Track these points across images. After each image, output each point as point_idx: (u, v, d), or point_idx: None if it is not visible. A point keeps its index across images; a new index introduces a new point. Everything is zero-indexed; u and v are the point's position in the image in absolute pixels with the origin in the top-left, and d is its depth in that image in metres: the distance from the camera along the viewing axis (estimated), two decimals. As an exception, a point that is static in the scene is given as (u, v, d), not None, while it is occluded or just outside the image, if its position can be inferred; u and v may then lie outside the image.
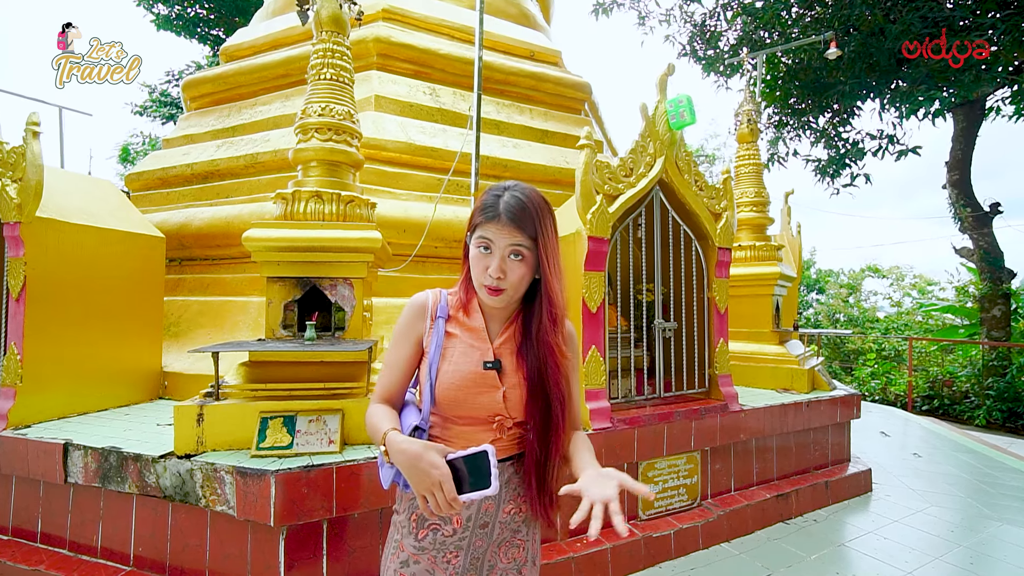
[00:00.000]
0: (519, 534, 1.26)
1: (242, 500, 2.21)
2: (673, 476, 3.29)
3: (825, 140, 9.47)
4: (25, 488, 2.79)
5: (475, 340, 1.21)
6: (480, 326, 1.23)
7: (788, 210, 6.10)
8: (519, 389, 1.18)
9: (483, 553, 1.23)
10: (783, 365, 4.41)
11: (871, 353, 11.61)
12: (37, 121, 2.98)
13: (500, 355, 1.20)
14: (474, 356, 1.19)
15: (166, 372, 3.83)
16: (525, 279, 1.16)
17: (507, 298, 1.17)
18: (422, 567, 1.20)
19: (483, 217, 1.15)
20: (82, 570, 2.52)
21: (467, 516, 1.20)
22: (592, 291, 2.97)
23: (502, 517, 1.23)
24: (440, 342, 1.21)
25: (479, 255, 1.16)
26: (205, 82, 5.97)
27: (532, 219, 1.12)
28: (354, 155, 3.06)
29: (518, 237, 1.12)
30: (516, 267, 1.14)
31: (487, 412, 1.18)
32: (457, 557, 1.21)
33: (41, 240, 2.98)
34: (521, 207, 1.12)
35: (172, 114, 15.90)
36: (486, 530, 1.22)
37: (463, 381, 1.17)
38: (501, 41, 5.88)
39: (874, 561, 3.04)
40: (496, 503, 1.22)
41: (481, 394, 1.17)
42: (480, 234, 1.15)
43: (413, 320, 1.25)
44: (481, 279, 1.15)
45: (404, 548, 1.22)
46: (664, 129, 3.29)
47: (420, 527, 1.21)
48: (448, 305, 1.26)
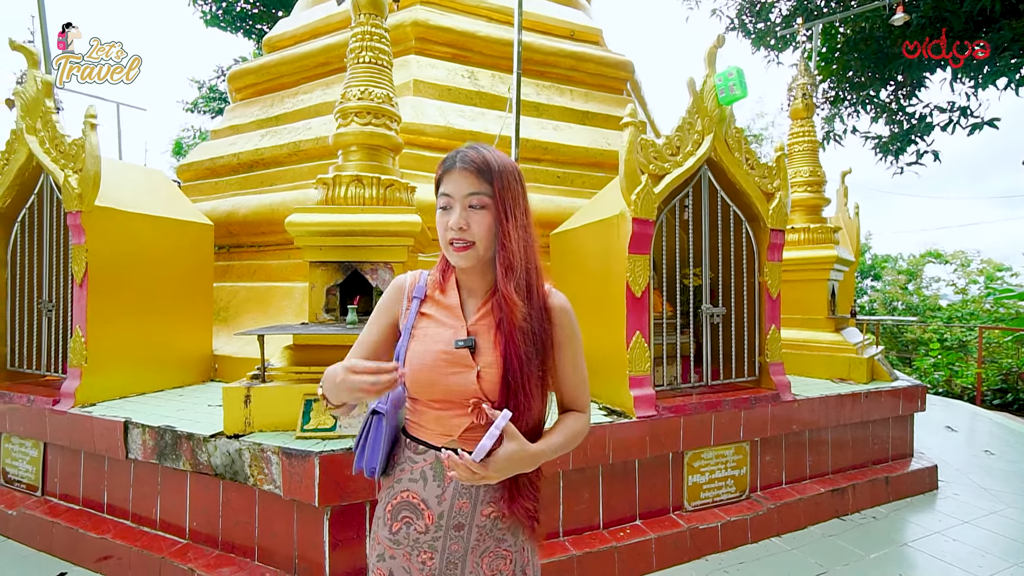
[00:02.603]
0: (504, 543, 1.15)
1: (288, 480, 2.25)
2: (720, 467, 3.17)
3: (887, 115, 8.85)
4: (92, 463, 2.95)
5: (448, 317, 1.14)
6: (455, 303, 1.15)
7: (845, 190, 5.76)
8: (495, 368, 1.08)
9: (461, 559, 1.13)
10: (839, 354, 4.18)
11: (934, 343, 10.93)
12: (94, 114, 3.10)
13: (476, 333, 1.11)
14: (445, 335, 1.12)
15: (216, 355, 3.97)
16: (491, 230, 1.08)
17: (476, 254, 1.09)
18: (398, 563, 1.14)
19: (441, 170, 1.11)
20: (144, 540, 2.65)
21: (439, 513, 1.11)
22: (636, 275, 2.87)
23: (480, 520, 1.12)
24: (411, 323, 1.15)
25: (441, 215, 1.10)
26: (249, 73, 6.11)
27: (490, 168, 1.07)
28: (393, 139, 3.04)
29: (476, 185, 1.07)
30: (479, 217, 1.07)
31: (461, 395, 1.08)
32: (432, 558, 1.12)
33: (100, 228, 3.11)
34: (479, 156, 1.08)
35: (221, 108, 16.48)
36: (461, 533, 1.12)
37: (434, 361, 1.09)
38: (540, 21, 5.75)
39: (942, 564, 2.84)
40: (472, 503, 1.12)
41: (453, 375, 1.08)
42: (441, 191, 1.10)
43: (390, 302, 1.22)
44: (445, 236, 1.09)
45: (380, 540, 1.17)
46: (713, 105, 3.12)
47: (394, 519, 1.15)
48: (426, 284, 1.20)
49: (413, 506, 1.13)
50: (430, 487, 1.12)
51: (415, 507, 1.12)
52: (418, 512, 1.12)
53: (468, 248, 1.08)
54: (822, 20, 7.88)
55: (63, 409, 2.96)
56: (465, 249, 1.08)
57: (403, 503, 1.14)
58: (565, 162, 5.09)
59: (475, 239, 1.08)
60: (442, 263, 1.20)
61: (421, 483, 1.12)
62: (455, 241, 1.08)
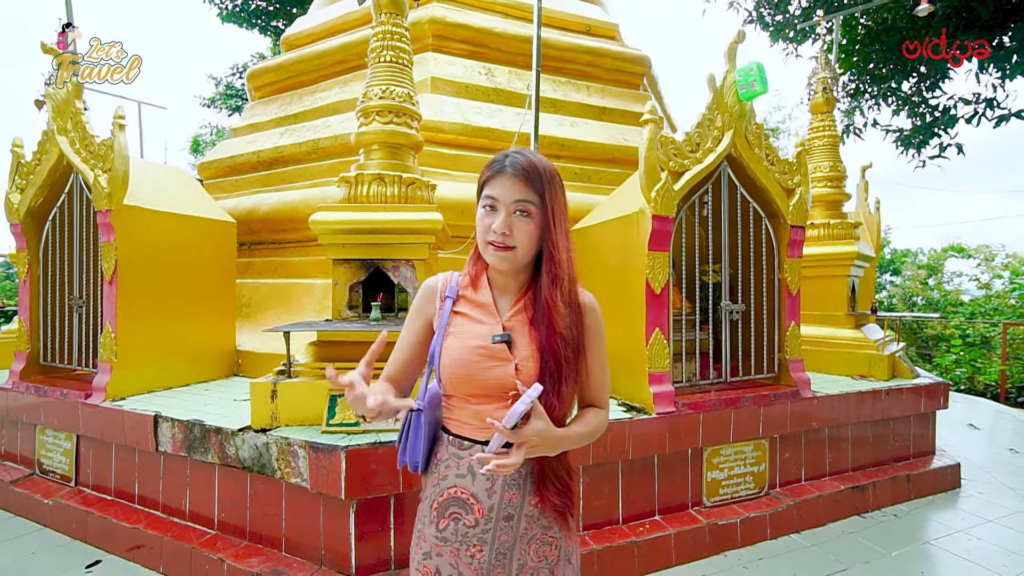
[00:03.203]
0: (551, 530, 1.18)
1: (315, 473, 2.31)
2: (739, 463, 3.17)
3: (909, 107, 8.68)
4: (123, 455, 3.04)
5: (483, 315, 1.18)
6: (488, 301, 1.19)
7: (865, 185, 5.67)
8: (532, 362, 1.12)
9: (510, 548, 1.15)
10: (860, 350, 4.14)
11: (956, 339, 10.73)
12: (123, 115, 3.17)
13: (511, 328, 1.15)
14: (482, 331, 1.15)
15: (240, 351, 4.06)
16: (533, 238, 1.11)
17: (515, 258, 1.11)
18: (445, 560, 1.15)
19: (489, 173, 1.12)
20: (174, 531, 2.73)
21: (489, 506, 1.13)
22: (656, 272, 2.87)
23: (528, 510, 1.15)
24: (445, 321, 1.18)
25: (484, 214, 1.12)
26: (267, 72, 6.18)
27: (540, 176, 1.09)
28: (414, 137, 3.07)
29: (525, 192, 1.09)
30: (523, 224, 1.09)
31: (500, 388, 1.11)
32: (481, 551, 1.14)
33: (128, 226, 3.19)
34: (528, 163, 1.10)
35: (238, 105, 16.67)
36: (511, 523, 1.15)
37: (471, 355, 1.13)
38: (557, 16, 5.73)
39: (966, 563, 2.82)
40: (521, 493, 1.15)
41: (491, 368, 1.12)
42: (486, 192, 1.12)
43: (423, 303, 1.25)
44: (486, 237, 1.11)
45: (426, 538, 1.19)
46: (733, 100, 3.10)
47: (441, 516, 1.16)
48: (458, 285, 1.23)
49: (462, 501, 1.15)
50: (479, 481, 1.14)
51: (464, 502, 1.15)
52: (467, 507, 1.14)
53: (508, 251, 1.10)
54: (843, 11, 7.73)
55: (95, 403, 3.06)
56: (505, 251, 1.10)
57: (451, 499, 1.16)
58: (582, 158, 5.08)
59: (516, 244, 1.10)
60: (473, 262, 1.23)
61: (469, 478, 1.15)
62: (496, 243, 1.10)
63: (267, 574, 2.36)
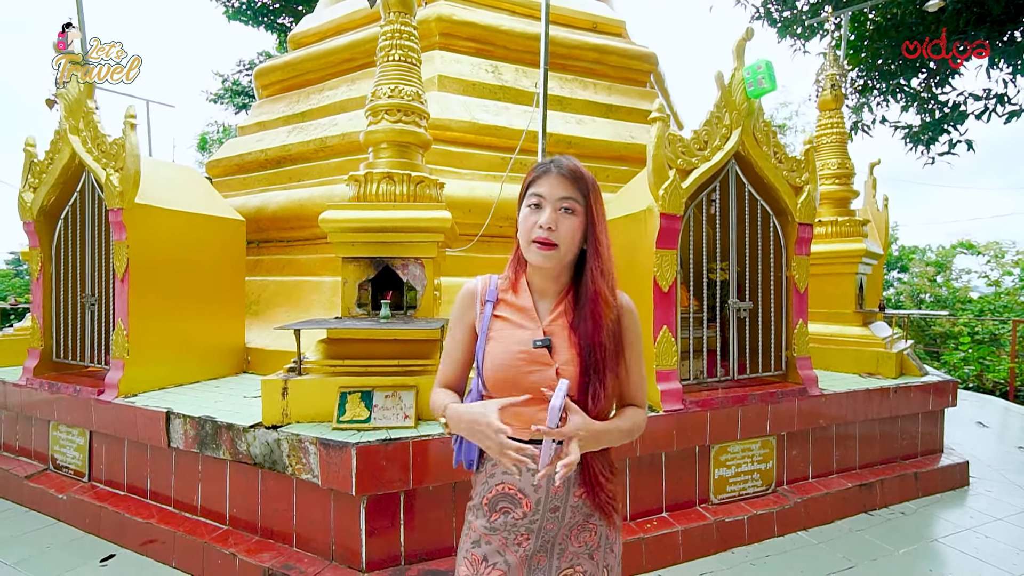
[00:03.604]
0: (592, 518, 1.23)
1: (326, 470, 2.33)
2: (747, 460, 3.17)
3: (918, 104, 8.61)
4: (135, 451, 3.08)
5: (524, 319, 1.21)
6: (528, 305, 1.22)
7: (873, 182, 5.65)
8: (573, 366, 1.15)
9: (554, 536, 1.22)
10: (867, 348, 4.13)
11: (964, 337, 10.66)
12: (134, 114, 3.20)
13: (551, 333, 1.18)
14: (523, 335, 1.18)
15: (249, 348, 4.09)
16: (576, 237, 1.15)
17: (558, 256, 1.14)
18: (493, 547, 1.21)
19: (535, 174, 1.18)
20: (187, 525, 2.76)
21: (536, 500, 1.18)
22: (664, 270, 2.88)
23: (573, 501, 1.21)
24: (487, 325, 1.22)
25: (529, 213, 1.16)
26: (275, 70, 6.20)
27: (584, 178, 1.15)
28: (423, 136, 3.09)
29: (570, 190, 1.14)
30: (567, 221, 1.14)
31: (541, 391, 1.14)
32: (528, 540, 1.20)
33: (139, 225, 3.22)
34: (573, 166, 1.16)
35: (244, 103, 16.73)
36: (557, 514, 1.20)
37: (513, 360, 1.16)
38: (563, 13, 5.71)
39: (975, 561, 2.82)
40: (566, 486, 1.19)
41: (533, 372, 1.15)
42: (532, 191, 1.16)
43: (464, 308, 1.28)
44: (530, 235, 1.14)
45: (476, 529, 1.24)
46: (741, 98, 3.10)
47: (492, 510, 1.22)
48: (497, 288, 1.26)
49: (511, 496, 1.20)
50: (525, 476, 1.19)
51: (512, 497, 1.20)
52: (516, 501, 1.20)
53: (552, 248, 1.14)
54: (852, 7, 7.66)
55: (108, 399, 3.09)
56: (549, 248, 1.14)
57: (500, 495, 1.21)
58: (589, 156, 5.08)
59: (559, 241, 1.13)
60: (513, 267, 1.27)
61: (516, 474, 1.20)
62: (541, 240, 1.13)
63: (278, 569, 2.39)
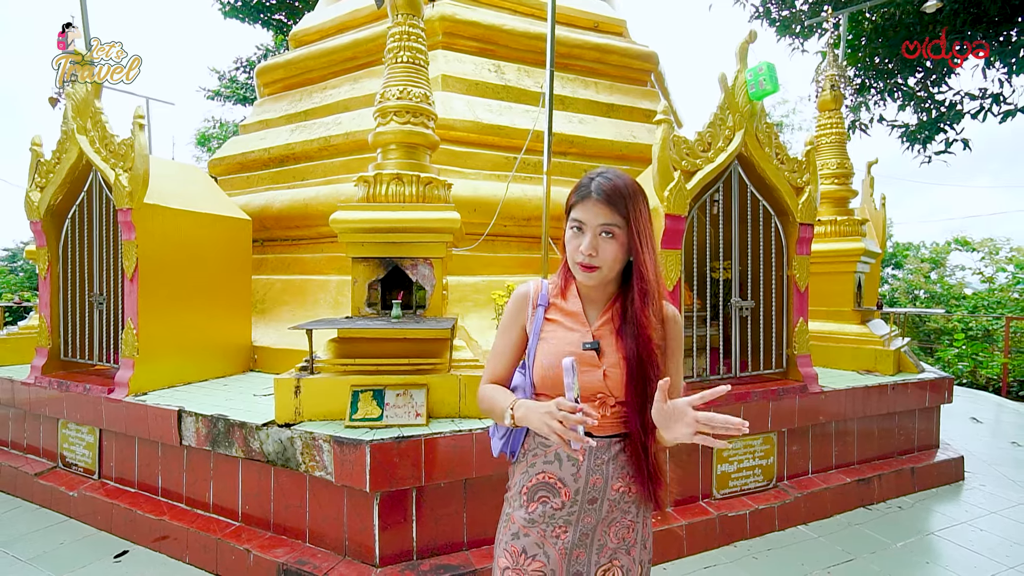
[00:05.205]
0: (629, 515, 1.29)
1: (339, 467, 2.38)
2: (748, 456, 3.24)
3: (915, 103, 8.69)
4: (146, 448, 3.11)
5: (574, 323, 1.28)
6: (578, 310, 1.28)
7: (871, 181, 5.71)
8: (619, 369, 1.22)
9: (592, 530, 1.27)
10: (866, 346, 4.20)
11: (958, 333, 10.78)
12: (142, 114, 3.22)
13: (599, 337, 1.25)
14: (573, 338, 1.25)
15: (256, 346, 4.12)
16: (618, 257, 1.20)
17: (600, 276, 1.21)
18: (531, 540, 1.26)
19: (576, 198, 1.22)
20: (199, 522, 2.81)
21: (575, 490, 1.24)
22: (668, 270, 2.93)
23: (611, 495, 1.26)
24: (539, 328, 1.29)
25: (572, 235, 1.22)
26: (277, 68, 6.20)
27: (623, 199, 1.17)
28: (431, 136, 3.12)
29: (609, 216, 1.17)
30: (607, 245, 1.18)
31: (588, 391, 1.22)
32: (566, 532, 1.25)
33: (148, 224, 3.24)
34: (612, 187, 1.18)
35: (243, 99, 16.66)
36: (595, 506, 1.25)
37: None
38: (565, 12, 5.73)
39: (969, 553, 2.90)
40: (604, 479, 1.24)
41: (581, 373, 1.20)
42: (573, 215, 1.22)
43: (517, 310, 1.36)
44: (574, 257, 1.21)
45: (515, 520, 1.29)
46: (744, 100, 3.14)
47: (530, 500, 1.27)
48: (548, 293, 1.34)
49: (550, 486, 1.26)
50: (565, 466, 1.25)
51: (552, 486, 1.25)
52: (555, 491, 1.25)
53: (594, 271, 1.20)
54: (851, 7, 7.72)
55: (118, 397, 3.12)
56: (591, 271, 1.20)
57: (540, 484, 1.27)
58: (591, 155, 5.11)
59: (601, 264, 1.19)
60: (563, 274, 1.33)
61: (556, 464, 1.26)
62: (583, 264, 1.20)
63: (292, 564, 2.44)
